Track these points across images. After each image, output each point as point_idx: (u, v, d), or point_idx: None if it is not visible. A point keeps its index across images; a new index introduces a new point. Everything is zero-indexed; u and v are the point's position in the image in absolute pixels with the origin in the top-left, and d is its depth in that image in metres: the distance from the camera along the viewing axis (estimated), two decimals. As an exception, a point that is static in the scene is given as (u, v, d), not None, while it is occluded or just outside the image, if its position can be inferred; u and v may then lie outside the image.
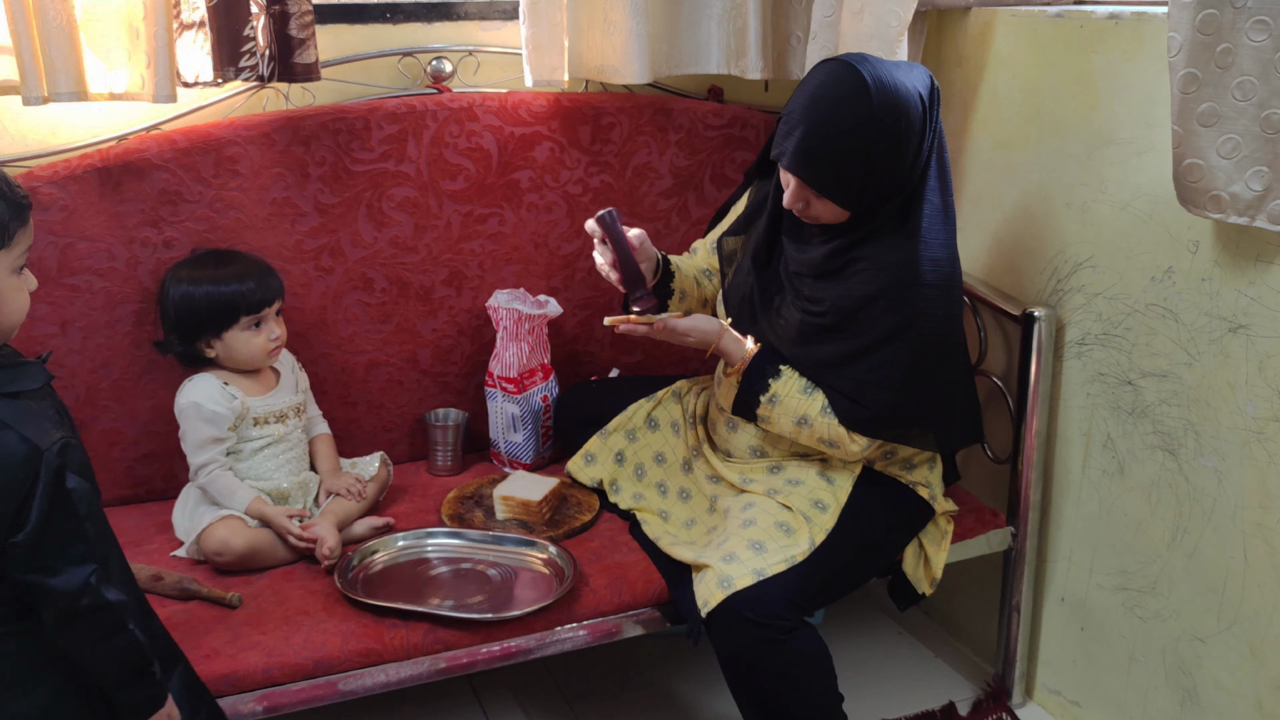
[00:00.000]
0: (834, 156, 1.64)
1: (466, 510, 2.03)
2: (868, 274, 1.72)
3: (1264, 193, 1.53)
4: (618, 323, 1.78)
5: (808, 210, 1.74)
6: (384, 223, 2.14)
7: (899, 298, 1.70)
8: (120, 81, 1.92)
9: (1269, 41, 1.48)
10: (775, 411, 1.80)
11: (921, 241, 1.69)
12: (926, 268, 1.70)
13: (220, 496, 1.87)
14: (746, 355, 1.82)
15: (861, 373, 1.74)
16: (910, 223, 1.70)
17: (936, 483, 1.92)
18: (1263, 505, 1.66)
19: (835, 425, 1.77)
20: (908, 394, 1.74)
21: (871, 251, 1.72)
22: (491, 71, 2.27)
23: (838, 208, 1.70)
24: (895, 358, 1.72)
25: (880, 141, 1.63)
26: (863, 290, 1.72)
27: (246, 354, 1.92)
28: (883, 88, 1.62)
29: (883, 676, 2.24)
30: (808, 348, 1.79)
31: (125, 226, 1.97)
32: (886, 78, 1.64)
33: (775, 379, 1.80)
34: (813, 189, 1.69)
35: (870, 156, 1.64)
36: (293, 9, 1.95)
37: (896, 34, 1.99)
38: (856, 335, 1.74)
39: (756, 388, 1.81)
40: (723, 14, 2.25)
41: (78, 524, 1.24)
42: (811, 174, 1.67)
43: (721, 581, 1.67)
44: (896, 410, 1.75)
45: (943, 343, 1.75)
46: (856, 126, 1.62)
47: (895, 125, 1.63)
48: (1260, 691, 1.71)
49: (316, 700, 1.65)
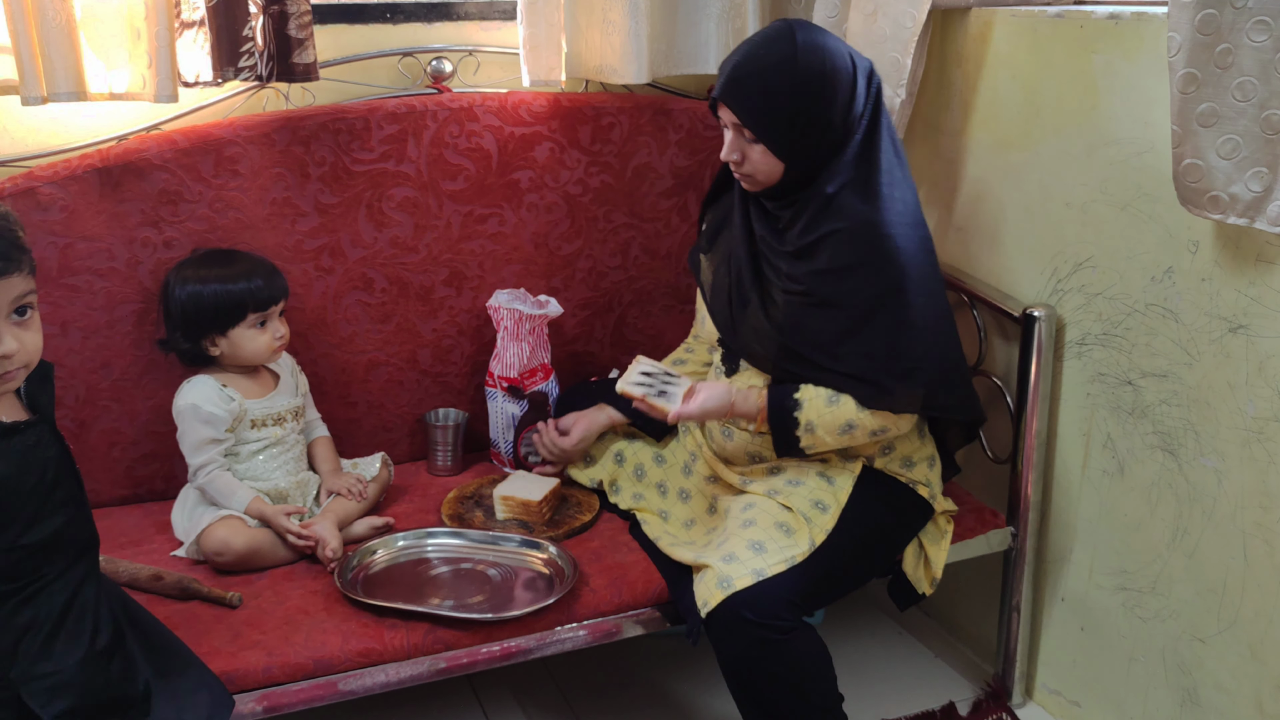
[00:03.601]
0: (760, 83, 1.70)
1: (466, 510, 2.03)
2: (839, 243, 1.73)
3: (1263, 193, 1.53)
4: (632, 394, 1.84)
5: (744, 164, 1.76)
6: (384, 223, 2.14)
7: (877, 264, 1.71)
8: (120, 81, 1.92)
9: (1269, 42, 1.48)
10: (818, 437, 1.78)
11: (883, 206, 1.72)
12: (895, 231, 1.72)
13: (219, 497, 1.87)
14: (761, 404, 1.81)
15: (865, 348, 1.73)
16: (870, 194, 1.72)
17: (936, 481, 1.92)
18: (1263, 505, 1.66)
19: (874, 415, 1.76)
20: (915, 358, 1.74)
21: (839, 223, 1.73)
22: (491, 71, 2.27)
23: (773, 157, 1.73)
24: (889, 324, 1.72)
25: (804, 78, 1.68)
26: (838, 261, 1.73)
27: (251, 352, 1.92)
28: (808, 35, 1.71)
29: (883, 676, 2.24)
30: (800, 328, 1.78)
31: (125, 226, 1.97)
32: (814, 31, 1.73)
33: (799, 410, 1.77)
34: (743, 121, 1.71)
35: (796, 93, 1.68)
36: (291, 9, 1.95)
37: (911, 34, 1.99)
38: (844, 307, 1.74)
39: (788, 425, 1.78)
40: (721, 13, 2.25)
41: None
42: (740, 100, 1.71)
43: (721, 582, 1.67)
44: (913, 376, 1.74)
45: (930, 306, 1.75)
46: (781, 60, 1.69)
47: (820, 66, 1.69)
48: (1260, 691, 1.71)
49: (316, 700, 1.65)
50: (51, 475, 1.32)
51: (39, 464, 1.31)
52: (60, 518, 1.33)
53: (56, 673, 1.31)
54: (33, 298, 1.30)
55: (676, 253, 2.37)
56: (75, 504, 1.36)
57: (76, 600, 1.35)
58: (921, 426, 1.92)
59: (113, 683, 1.37)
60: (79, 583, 1.36)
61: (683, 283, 2.40)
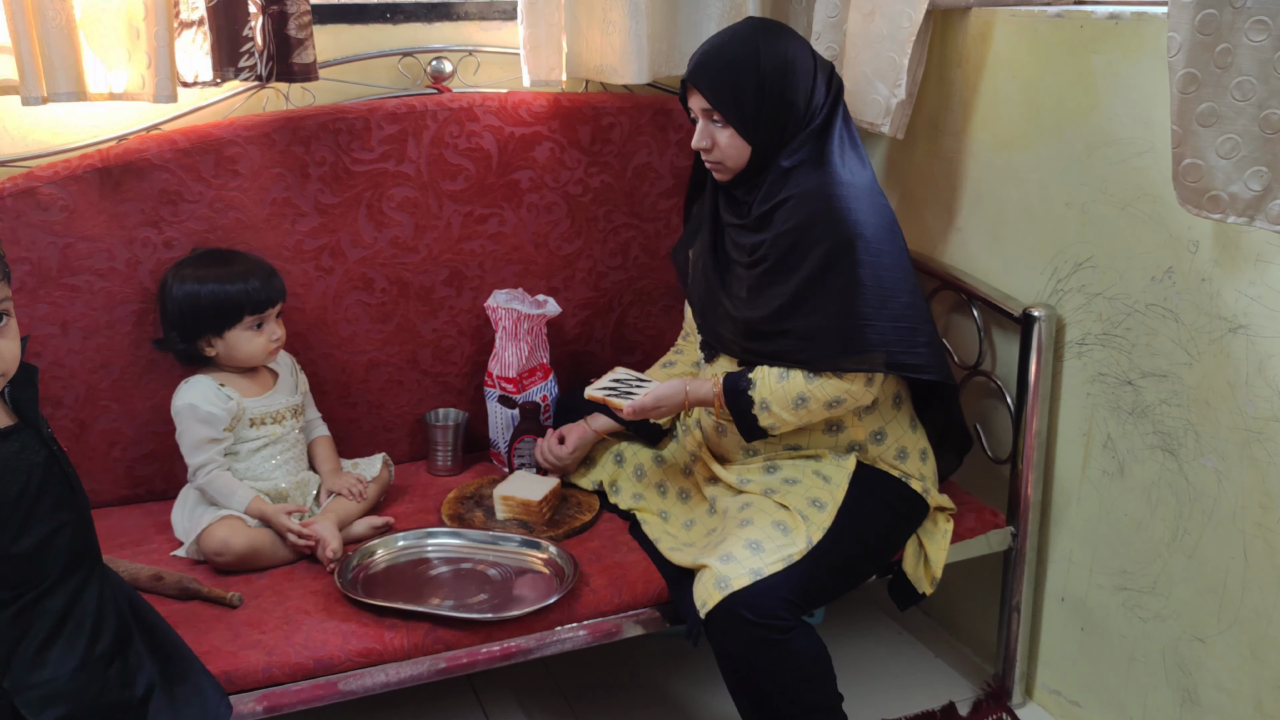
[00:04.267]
0: (726, 67, 1.78)
1: (466, 510, 2.03)
2: (791, 208, 1.78)
3: (1263, 193, 1.53)
4: (596, 397, 1.90)
5: (714, 150, 1.82)
6: (384, 223, 2.14)
7: (827, 222, 1.75)
8: (120, 81, 1.93)
9: (1268, 41, 1.48)
10: (775, 414, 1.80)
11: (836, 171, 1.77)
12: (846, 191, 1.76)
13: (219, 497, 1.87)
14: (717, 389, 1.84)
15: (816, 307, 1.76)
16: (821, 162, 1.79)
17: (930, 475, 1.92)
18: (1263, 505, 1.66)
19: (826, 382, 1.77)
20: (857, 316, 1.74)
21: (791, 192, 1.78)
22: (491, 71, 2.27)
23: (741, 141, 1.79)
24: (837, 283, 1.75)
25: (769, 63, 1.76)
26: (791, 224, 1.77)
27: (247, 353, 1.92)
28: (772, 28, 1.81)
29: (883, 676, 2.24)
30: (762, 301, 1.81)
31: (125, 226, 1.97)
32: (779, 27, 1.82)
33: (751, 388, 1.81)
34: (711, 103, 1.78)
35: (761, 74, 1.76)
36: (291, 9, 1.95)
37: (908, 34, 2.00)
38: (797, 269, 1.77)
39: (744, 404, 1.81)
40: (721, 13, 2.25)
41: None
42: (708, 81, 1.78)
43: (719, 582, 1.67)
44: (853, 332, 1.75)
45: (886, 266, 1.76)
46: (746, 46, 1.78)
47: (784, 53, 1.78)
48: (1260, 691, 1.70)
49: (316, 700, 1.65)
50: (37, 482, 1.31)
51: (23, 470, 1.30)
52: (49, 525, 1.32)
53: (50, 681, 1.31)
54: (8, 304, 1.29)
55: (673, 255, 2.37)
56: (69, 510, 1.35)
57: (75, 609, 1.34)
58: (914, 419, 1.92)
59: (109, 689, 1.36)
60: (77, 590, 1.35)
61: (683, 283, 2.40)
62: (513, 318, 2.14)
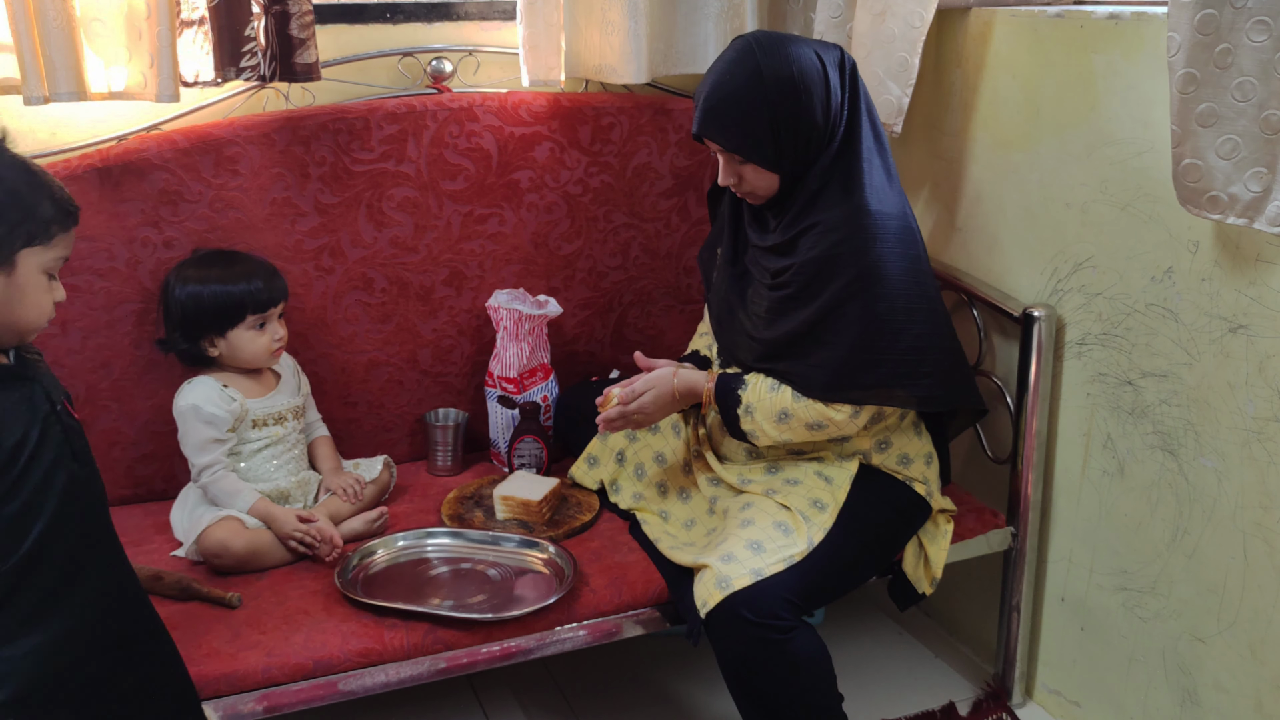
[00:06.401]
0: (735, 111, 1.72)
1: (466, 510, 2.03)
2: (817, 236, 1.75)
3: (1263, 194, 1.53)
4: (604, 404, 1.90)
5: (743, 184, 1.80)
6: (384, 223, 2.14)
7: (851, 256, 1.73)
8: (121, 81, 1.92)
9: (1268, 42, 1.48)
10: (756, 421, 1.81)
11: (865, 199, 1.74)
12: (873, 222, 1.73)
13: (224, 497, 1.87)
14: (709, 382, 1.85)
15: (820, 335, 1.76)
16: (850, 184, 1.75)
17: (934, 479, 1.92)
18: (1263, 505, 1.66)
19: (811, 405, 1.77)
20: (866, 350, 1.74)
21: (819, 217, 1.76)
22: (491, 71, 2.27)
23: (767, 172, 1.76)
24: (853, 315, 1.73)
25: (775, 89, 1.70)
26: (815, 252, 1.75)
27: (250, 354, 1.92)
28: (769, 46, 1.72)
29: (883, 676, 2.24)
30: (780, 324, 1.80)
31: (125, 226, 1.97)
32: (775, 40, 1.74)
33: (743, 389, 1.82)
34: (727, 149, 1.76)
35: (771, 107, 1.71)
36: (293, 9, 1.95)
37: (920, 34, 2.00)
38: (817, 298, 1.75)
39: (730, 403, 1.83)
40: (720, 13, 2.25)
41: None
42: (720, 131, 1.75)
43: (720, 582, 1.67)
44: (856, 368, 1.74)
45: (904, 298, 1.75)
46: (749, 79, 1.71)
47: (788, 73, 1.70)
48: (1260, 691, 1.71)
49: (316, 700, 1.65)
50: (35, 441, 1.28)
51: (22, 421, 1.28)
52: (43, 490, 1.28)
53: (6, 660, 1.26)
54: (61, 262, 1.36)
55: (676, 253, 2.37)
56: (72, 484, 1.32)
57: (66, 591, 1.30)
58: (919, 424, 1.92)
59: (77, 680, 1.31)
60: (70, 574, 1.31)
61: (683, 283, 2.40)
62: (514, 318, 2.14)
